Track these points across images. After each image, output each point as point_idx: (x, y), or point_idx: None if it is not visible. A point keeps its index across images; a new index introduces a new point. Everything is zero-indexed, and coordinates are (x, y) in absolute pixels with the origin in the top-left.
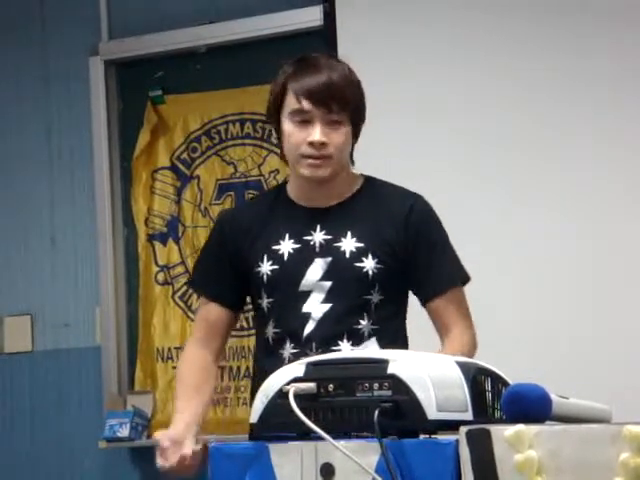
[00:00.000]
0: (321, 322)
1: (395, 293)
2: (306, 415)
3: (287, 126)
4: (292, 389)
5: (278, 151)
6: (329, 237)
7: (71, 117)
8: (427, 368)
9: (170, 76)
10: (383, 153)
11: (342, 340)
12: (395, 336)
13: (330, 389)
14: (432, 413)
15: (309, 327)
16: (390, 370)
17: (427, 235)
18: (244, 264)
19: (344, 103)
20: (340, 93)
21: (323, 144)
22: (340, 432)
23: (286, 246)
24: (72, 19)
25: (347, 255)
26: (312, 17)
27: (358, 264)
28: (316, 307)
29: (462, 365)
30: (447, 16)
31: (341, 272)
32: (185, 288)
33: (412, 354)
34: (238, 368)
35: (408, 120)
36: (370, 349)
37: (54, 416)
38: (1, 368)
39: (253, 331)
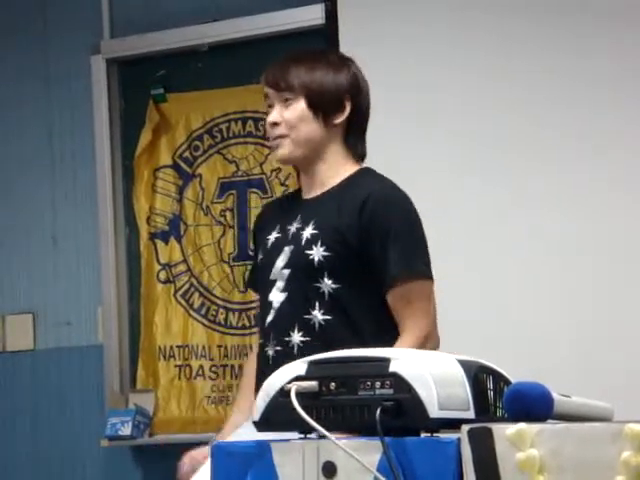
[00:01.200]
0: (278, 311)
1: (355, 282)
2: (308, 413)
3: None
4: (294, 387)
5: None
6: (299, 226)
7: (73, 115)
8: (429, 366)
9: (172, 74)
10: (382, 151)
11: (293, 331)
12: (355, 328)
13: (332, 387)
14: (434, 411)
15: (270, 316)
16: (392, 368)
17: (380, 224)
18: None
19: (290, 80)
20: (287, 71)
21: (275, 124)
22: (342, 430)
23: (272, 236)
24: (74, 17)
25: (303, 243)
26: (314, 16)
27: (308, 251)
28: (276, 296)
29: (464, 363)
30: (448, 16)
31: (296, 260)
32: (187, 286)
33: (414, 352)
34: (240, 366)
35: (408, 119)
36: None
37: (56, 414)
38: (3, 366)
39: (255, 329)
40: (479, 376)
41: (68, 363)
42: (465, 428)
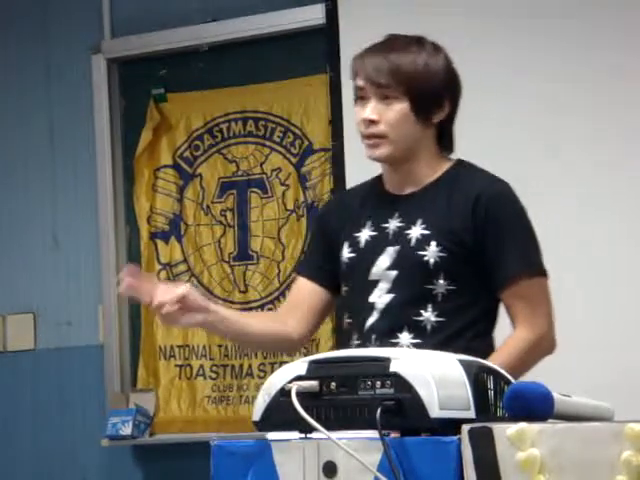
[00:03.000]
0: (383, 313)
1: (468, 284)
2: (308, 413)
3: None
4: (294, 387)
5: (280, 149)
6: (402, 225)
7: (73, 115)
8: (429, 366)
9: (173, 74)
10: None
11: (401, 332)
12: (465, 330)
13: (332, 387)
14: (434, 411)
15: (372, 318)
16: (392, 368)
17: (494, 222)
18: (337, 250)
19: (394, 77)
20: (389, 66)
21: (372, 121)
22: (342, 430)
23: (365, 233)
24: (74, 17)
25: (412, 243)
26: (314, 15)
27: (420, 252)
28: (381, 297)
29: (464, 363)
30: (449, 15)
31: (405, 261)
32: None
33: (415, 352)
34: (241, 366)
35: None
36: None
37: (56, 414)
38: (4, 366)
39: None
40: (480, 376)
41: (69, 363)
42: (466, 428)
